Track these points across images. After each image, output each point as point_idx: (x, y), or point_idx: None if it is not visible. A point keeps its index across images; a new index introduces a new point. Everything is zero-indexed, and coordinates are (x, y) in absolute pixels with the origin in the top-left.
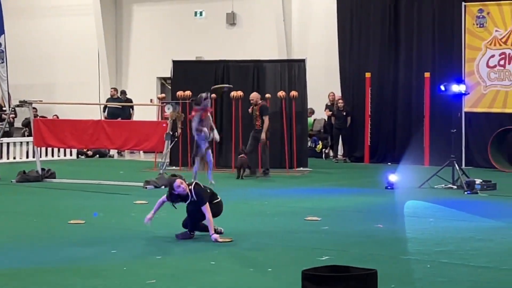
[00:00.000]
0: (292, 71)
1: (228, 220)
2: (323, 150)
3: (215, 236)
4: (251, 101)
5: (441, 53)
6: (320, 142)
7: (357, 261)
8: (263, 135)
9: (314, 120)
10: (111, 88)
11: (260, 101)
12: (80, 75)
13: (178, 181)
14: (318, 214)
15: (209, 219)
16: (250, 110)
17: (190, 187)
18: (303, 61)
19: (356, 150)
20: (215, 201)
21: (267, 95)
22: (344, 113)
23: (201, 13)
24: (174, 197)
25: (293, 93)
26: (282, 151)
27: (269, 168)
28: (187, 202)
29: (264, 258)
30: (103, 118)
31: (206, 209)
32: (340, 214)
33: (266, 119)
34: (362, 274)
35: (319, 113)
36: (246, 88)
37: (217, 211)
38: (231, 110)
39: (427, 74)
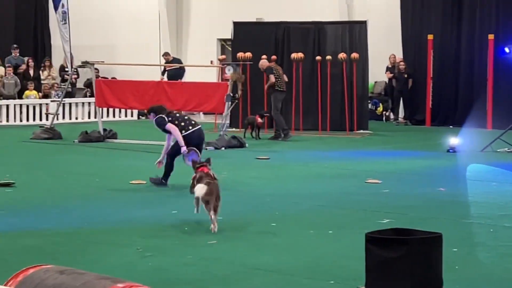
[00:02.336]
0: (353, 33)
1: (287, 182)
2: (384, 112)
3: (184, 148)
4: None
5: (506, 15)
6: (380, 104)
7: (418, 224)
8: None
9: (375, 82)
10: (163, 55)
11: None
12: (140, 36)
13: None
14: (379, 176)
15: (176, 136)
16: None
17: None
18: (364, 23)
19: (417, 113)
20: (183, 134)
21: (328, 57)
22: (406, 76)
23: None
24: None
25: (354, 55)
26: (343, 113)
27: (286, 128)
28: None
29: (325, 220)
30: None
31: (170, 127)
32: (401, 177)
33: (271, 77)
34: (427, 238)
35: (380, 76)
36: (307, 50)
37: (189, 142)
38: (291, 71)
39: (490, 36)
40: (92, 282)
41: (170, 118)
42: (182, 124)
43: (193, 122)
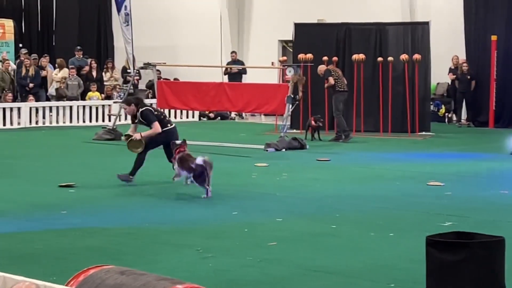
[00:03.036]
0: (416, 34)
1: (348, 184)
2: (446, 114)
3: (139, 136)
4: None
5: None
6: (443, 106)
7: (481, 227)
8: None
9: (438, 83)
10: (232, 53)
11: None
12: (202, 38)
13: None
14: (441, 179)
15: (153, 132)
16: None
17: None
18: (427, 23)
19: (480, 115)
20: (166, 128)
21: (390, 58)
22: (468, 77)
23: None
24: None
25: (416, 56)
26: (404, 114)
27: (346, 129)
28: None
29: (385, 223)
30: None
31: (155, 125)
32: (463, 180)
33: (330, 79)
34: (489, 241)
35: (443, 77)
36: (368, 51)
37: (168, 137)
38: (352, 73)
39: None
40: (152, 283)
41: (157, 113)
42: (165, 120)
43: (170, 120)
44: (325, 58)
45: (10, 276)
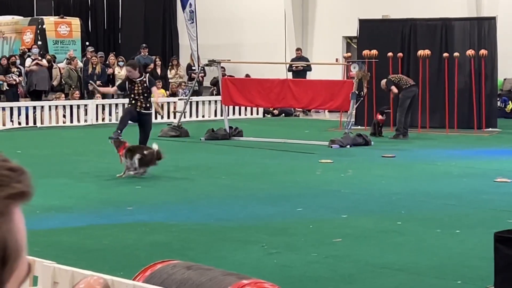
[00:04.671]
0: (482, 30)
1: (414, 181)
2: None
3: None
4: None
5: None
6: (510, 102)
7: None
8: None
9: (504, 79)
10: (297, 50)
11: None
12: (266, 35)
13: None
14: (508, 175)
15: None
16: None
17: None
18: (493, 19)
19: None
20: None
21: (456, 54)
22: None
23: None
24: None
25: (483, 51)
26: (470, 111)
27: (401, 129)
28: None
29: (452, 219)
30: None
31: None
32: None
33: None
34: None
35: (510, 72)
36: (434, 47)
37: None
38: (418, 69)
39: None
40: (218, 278)
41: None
42: None
43: None
44: (390, 54)
45: (78, 270)
